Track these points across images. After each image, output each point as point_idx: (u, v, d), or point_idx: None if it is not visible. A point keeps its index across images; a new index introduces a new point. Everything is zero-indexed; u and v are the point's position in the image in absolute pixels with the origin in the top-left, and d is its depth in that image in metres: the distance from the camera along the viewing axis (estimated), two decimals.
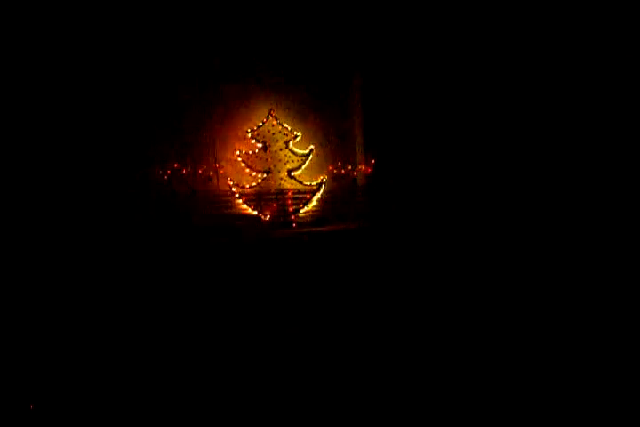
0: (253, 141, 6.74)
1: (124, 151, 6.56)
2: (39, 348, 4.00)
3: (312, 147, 6.85)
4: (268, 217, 6.77)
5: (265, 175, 6.78)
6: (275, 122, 6.75)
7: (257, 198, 6.78)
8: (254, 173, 6.77)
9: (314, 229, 6.69)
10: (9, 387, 3.31)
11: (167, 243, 6.47)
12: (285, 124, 6.78)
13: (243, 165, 6.75)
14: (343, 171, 6.95)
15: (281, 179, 6.80)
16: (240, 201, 6.76)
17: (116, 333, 4.63)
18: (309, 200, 6.85)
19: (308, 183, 6.86)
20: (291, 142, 6.79)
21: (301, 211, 6.84)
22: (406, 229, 6.71)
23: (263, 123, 6.75)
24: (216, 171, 6.75)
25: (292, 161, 6.80)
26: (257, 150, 6.75)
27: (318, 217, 6.88)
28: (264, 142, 6.73)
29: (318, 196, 6.88)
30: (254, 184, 6.77)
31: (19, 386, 3.34)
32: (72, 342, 4.29)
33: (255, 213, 6.78)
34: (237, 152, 6.73)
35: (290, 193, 6.81)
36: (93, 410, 3.22)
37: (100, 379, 3.63)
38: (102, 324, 4.80)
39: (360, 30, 6.72)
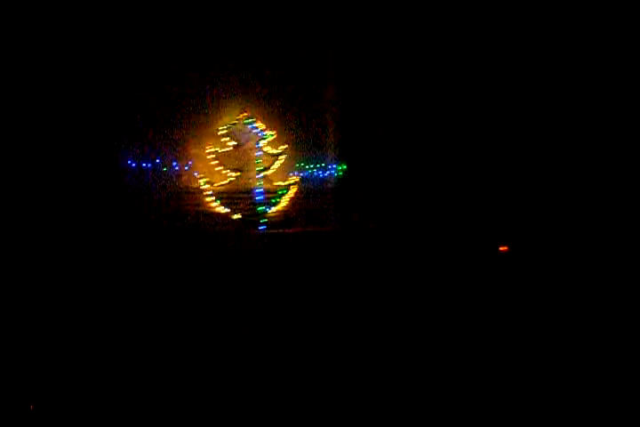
0: (225, 139, 6.72)
1: (93, 146, 6.52)
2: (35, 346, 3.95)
3: (284, 147, 6.84)
4: (237, 216, 6.75)
5: (236, 174, 6.76)
6: (248, 120, 6.73)
7: (227, 197, 6.76)
8: (225, 171, 6.75)
9: (282, 229, 6.71)
10: (9, 387, 3.28)
11: (133, 238, 6.43)
12: (258, 124, 6.77)
13: (214, 162, 6.73)
14: (314, 172, 6.95)
15: (251, 178, 6.79)
16: (209, 199, 6.74)
17: (102, 327, 4.61)
18: (279, 200, 6.83)
19: (279, 183, 6.85)
20: (263, 142, 6.78)
21: (271, 211, 6.82)
22: (375, 233, 6.72)
23: (236, 121, 6.73)
24: (186, 168, 6.73)
25: (264, 160, 6.79)
26: (229, 148, 6.73)
27: (288, 218, 6.86)
28: (236, 140, 6.72)
29: (289, 196, 6.86)
30: (225, 182, 6.76)
31: (19, 386, 3.30)
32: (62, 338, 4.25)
33: (224, 211, 6.76)
34: (209, 149, 6.70)
35: (260, 192, 6.79)
36: (93, 410, 3.19)
37: (98, 376, 3.61)
38: (86, 318, 4.77)
39: (337, 32, 6.73)
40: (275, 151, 6.83)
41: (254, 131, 6.75)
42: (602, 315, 4.83)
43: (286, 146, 6.85)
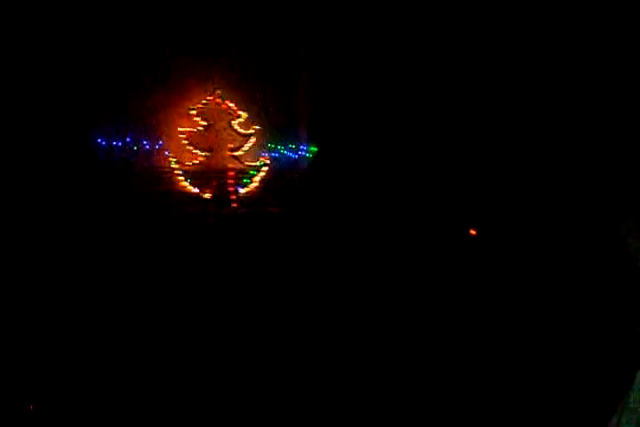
0: (197, 119, 6.71)
1: (62, 124, 6.45)
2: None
3: (256, 127, 6.87)
4: (208, 196, 6.76)
5: (207, 153, 6.77)
6: (219, 100, 6.74)
7: (198, 176, 6.77)
8: (196, 151, 6.75)
9: (253, 209, 6.74)
10: (9, 387, 3.25)
11: (104, 217, 6.40)
12: (230, 104, 6.77)
13: (185, 142, 6.72)
14: (286, 153, 6.99)
15: (223, 158, 6.81)
16: (180, 178, 6.74)
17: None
18: (250, 181, 6.87)
19: (250, 164, 6.88)
20: (234, 122, 6.79)
21: (242, 191, 6.85)
22: (345, 215, 6.78)
23: (207, 101, 6.73)
24: (157, 147, 6.72)
25: (235, 141, 6.81)
26: (200, 128, 6.73)
27: (258, 198, 6.90)
28: (207, 120, 6.72)
29: (260, 177, 6.90)
30: (196, 162, 6.76)
31: (19, 386, 3.28)
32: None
33: (195, 191, 6.76)
34: (180, 129, 6.69)
35: (231, 173, 6.81)
36: (93, 410, 3.18)
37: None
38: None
39: (310, 10, 6.74)
40: (246, 131, 6.85)
41: (226, 111, 6.75)
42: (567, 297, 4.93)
43: (258, 126, 6.88)
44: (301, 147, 7.03)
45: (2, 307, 4.52)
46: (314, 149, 6.96)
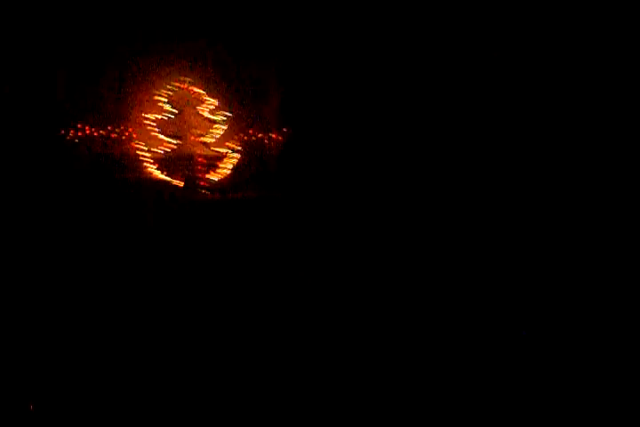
0: (165, 106, 6.67)
1: (26, 110, 6.40)
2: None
3: (225, 113, 6.82)
4: (178, 182, 6.69)
5: (176, 140, 6.71)
6: (188, 86, 6.70)
7: (166, 163, 6.70)
8: (165, 138, 6.70)
9: (223, 196, 6.67)
10: (9, 387, 3.19)
11: (71, 207, 6.32)
12: (199, 90, 6.74)
13: (153, 129, 6.67)
14: (256, 138, 6.93)
15: (192, 144, 6.75)
16: (149, 165, 6.67)
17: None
18: (220, 167, 6.80)
19: (220, 150, 6.82)
20: (203, 108, 6.74)
21: (212, 177, 6.78)
22: (317, 200, 6.70)
23: (177, 87, 6.70)
24: (125, 134, 6.66)
25: (204, 127, 6.76)
26: (168, 115, 6.68)
27: (229, 184, 6.83)
28: (175, 107, 6.68)
29: (230, 163, 6.83)
30: (165, 149, 6.70)
31: (19, 386, 3.22)
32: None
33: (164, 178, 6.70)
34: (148, 115, 6.64)
35: (201, 159, 6.75)
36: (93, 410, 3.13)
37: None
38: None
39: None
40: (215, 117, 6.80)
41: (194, 97, 6.71)
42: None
43: (227, 112, 6.83)
44: (272, 132, 6.97)
45: None
46: (284, 134, 6.90)
